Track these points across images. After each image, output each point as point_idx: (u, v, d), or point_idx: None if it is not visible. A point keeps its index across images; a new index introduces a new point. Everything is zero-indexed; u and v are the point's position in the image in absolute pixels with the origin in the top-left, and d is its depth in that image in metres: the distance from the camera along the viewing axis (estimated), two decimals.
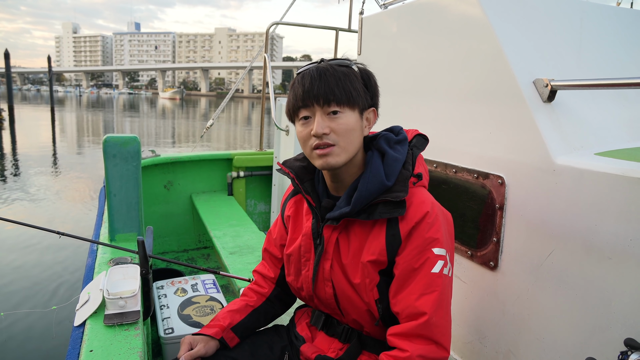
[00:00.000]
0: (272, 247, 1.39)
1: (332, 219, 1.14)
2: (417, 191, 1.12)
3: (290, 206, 1.32)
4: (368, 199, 1.08)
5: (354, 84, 1.07)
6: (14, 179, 9.61)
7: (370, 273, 1.11)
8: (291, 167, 1.24)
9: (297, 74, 1.12)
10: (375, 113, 1.16)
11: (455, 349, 1.63)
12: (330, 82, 1.05)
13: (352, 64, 1.11)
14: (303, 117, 1.09)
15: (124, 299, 1.42)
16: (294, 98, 1.10)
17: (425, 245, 1.06)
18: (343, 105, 1.06)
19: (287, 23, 4.08)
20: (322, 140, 1.06)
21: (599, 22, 1.68)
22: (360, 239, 1.14)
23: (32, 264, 4.97)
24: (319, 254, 1.19)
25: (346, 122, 1.06)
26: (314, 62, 1.12)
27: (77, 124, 25.09)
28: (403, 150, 1.14)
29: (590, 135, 1.35)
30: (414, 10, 1.87)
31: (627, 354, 0.88)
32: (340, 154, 1.07)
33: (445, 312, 1.07)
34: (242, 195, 4.12)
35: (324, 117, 1.06)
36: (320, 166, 1.10)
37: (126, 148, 2.10)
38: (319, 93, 1.04)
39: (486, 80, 1.48)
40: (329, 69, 1.07)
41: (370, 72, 1.15)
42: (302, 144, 1.12)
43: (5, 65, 25.01)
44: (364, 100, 1.10)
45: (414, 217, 1.07)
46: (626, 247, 1.05)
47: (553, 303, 1.24)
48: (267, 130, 6.50)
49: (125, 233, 2.16)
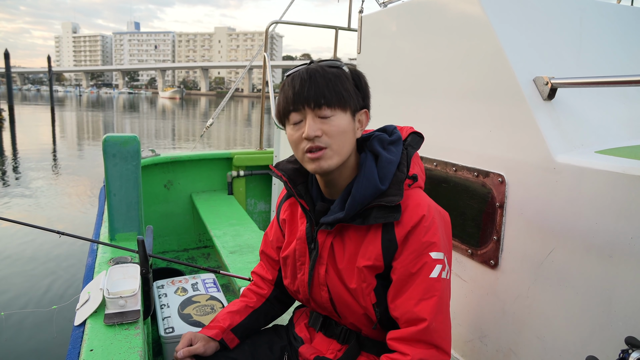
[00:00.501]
0: (269, 249, 1.38)
1: (327, 224, 1.12)
2: (413, 193, 1.10)
3: (285, 209, 1.30)
4: (362, 203, 1.06)
5: (344, 85, 1.05)
6: (14, 178, 9.61)
7: (367, 277, 1.10)
8: (284, 169, 1.22)
9: (287, 76, 1.10)
10: (367, 115, 1.14)
11: (456, 348, 1.63)
12: (320, 84, 1.02)
13: (343, 65, 1.09)
14: (293, 121, 1.06)
15: (124, 298, 1.42)
16: (284, 101, 1.07)
17: (422, 250, 1.05)
18: (334, 107, 1.03)
19: (287, 22, 4.08)
20: (314, 144, 1.03)
21: (599, 20, 1.68)
22: (355, 244, 1.12)
23: (32, 263, 4.97)
24: (313, 258, 1.17)
25: (338, 124, 1.04)
26: (304, 64, 1.09)
27: (77, 124, 25.09)
28: (397, 151, 1.12)
29: (590, 133, 1.34)
30: (414, 8, 1.87)
31: (628, 352, 0.88)
32: (332, 157, 1.05)
33: (445, 317, 1.06)
34: (242, 195, 4.12)
35: (315, 120, 1.03)
36: (312, 170, 1.07)
37: (126, 147, 2.10)
38: (310, 95, 1.02)
39: (486, 78, 1.48)
40: (319, 70, 1.04)
41: (361, 73, 1.12)
42: (294, 147, 1.09)
43: (5, 65, 25.00)
44: (355, 101, 1.08)
45: (410, 221, 1.05)
46: (627, 245, 1.04)
47: (554, 301, 1.24)
48: (267, 129, 6.50)
49: (125, 232, 2.16)
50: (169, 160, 3.84)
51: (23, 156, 12.56)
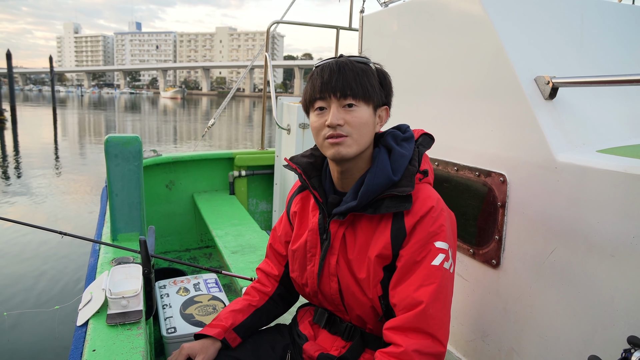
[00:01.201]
0: (277, 244, 1.40)
1: (339, 214, 1.16)
2: (423, 187, 1.14)
3: (296, 202, 1.33)
4: (375, 193, 1.10)
5: (370, 80, 1.10)
6: (16, 179, 9.64)
7: (375, 269, 1.12)
8: (298, 163, 1.26)
9: (316, 67, 1.14)
10: (388, 112, 1.19)
11: (458, 347, 1.63)
12: (348, 76, 1.07)
13: (370, 62, 1.14)
14: (318, 107, 1.11)
15: (126, 298, 1.43)
16: (311, 89, 1.12)
17: (428, 239, 1.07)
18: (359, 99, 1.08)
19: (288, 22, 4.08)
20: (336, 131, 1.08)
21: (600, 19, 1.67)
22: (366, 234, 1.15)
23: (34, 264, 4.99)
24: (325, 249, 1.20)
25: (360, 116, 1.09)
26: (333, 57, 1.15)
27: (79, 124, 25.15)
28: (409, 147, 1.16)
29: (591, 133, 1.34)
30: (415, 8, 1.87)
31: (631, 351, 0.88)
32: (352, 145, 1.09)
33: (443, 306, 1.06)
34: (243, 195, 4.12)
35: (339, 109, 1.08)
36: (331, 155, 1.11)
37: (128, 148, 2.10)
38: (337, 86, 1.07)
39: (487, 77, 1.48)
40: (348, 63, 1.10)
41: (386, 72, 1.18)
42: (315, 134, 1.14)
43: (7, 65, 25.06)
44: (378, 97, 1.13)
45: (419, 211, 1.09)
46: (628, 244, 1.04)
47: (555, 301, 1.24)
48: (268, 129, 6.51)
49: (127, 233, 2.17)
50: (171, 161, 3.84)
51: (25, 156, 12.59)
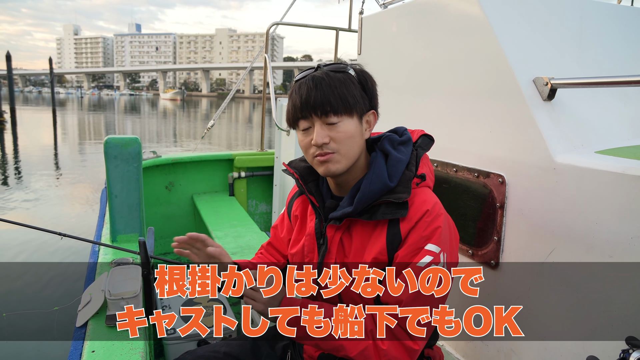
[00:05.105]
0: (279, 243, 1.41)
1: (335, 219, 1.15)
2: (420, 191, 1.12)
3: (297, 205, 1.33)
4: (371, 199, 1.09)
5: (350, 90, 1.07)
6: (15, 180, 9.63)
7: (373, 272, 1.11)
8: (296, 167, 1.25)
9: (295, 82, 1.13)
10: (375, 115, 1.17)
11: (457, 349, 1.63)
12: (325, 92, 1.05)
13: (349, 68, 1.11)
14: (302, 128, 1.10)
15: (125, 299, 1.43)
16: (292, 108, 1.11)
17: (421, 243, 1.06)
18: (341, 114, 1.06)
19: (288, 23, 4.08)
20: (323, 150, 1.07)
21: (599, 20, 1.68)
22: (362, 239, 1.14)
23: (34, 265, 4.98)
24: (322, 253, 1.19)
25: (345, 130, 1.07)
26: (311, 69, 1.12)
27: (79, 126, 25.14)
28: (407, 151, 1.15)
29: (590, 134, 1.34)
30: (414, 9, 1.87)
31: (629, 352, 0.88)
32: (340, 161, 1.08)
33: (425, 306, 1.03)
34: (243, 196, 4.12)
35: (323, 127, 1.07)
36: (322, 173, 1.11)
37: (127, 149, 2.10)
38: (316, 104, 1.05)
39: (486, 79, 1.48)
40: (325, 78, 1.07)
41: (367, 73, 1.14)
42: (304, 151, 1.14)
43: (7, 67, 25.06)
44: (361, 105, 1.10)
45: (414, 216, 1.07)
46: (627, 245, 1.05)
47: (554, 301, 1.24)
48: (268, 131, 6.50)
49: (127, 234, 2.17)
50: (170, 162, 3.84)
51: (24, 158, 12.58)
